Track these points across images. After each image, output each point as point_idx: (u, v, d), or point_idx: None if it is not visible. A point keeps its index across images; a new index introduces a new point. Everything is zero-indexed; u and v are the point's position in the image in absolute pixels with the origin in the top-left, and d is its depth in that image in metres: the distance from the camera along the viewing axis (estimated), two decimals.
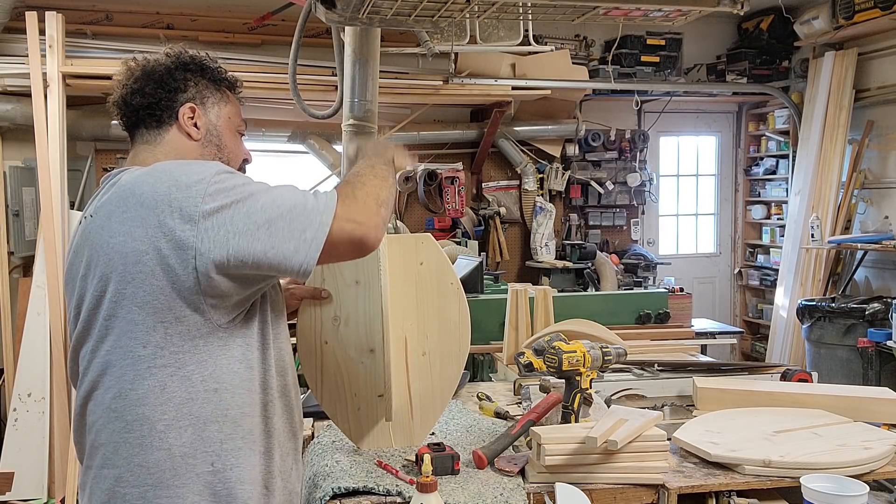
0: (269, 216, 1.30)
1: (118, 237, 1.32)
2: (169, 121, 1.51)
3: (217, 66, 1.60)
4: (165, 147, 1.51)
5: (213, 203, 1.29)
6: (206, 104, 1.54)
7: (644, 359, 2.64)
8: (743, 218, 6.85)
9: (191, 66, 1.54)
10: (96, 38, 4.72)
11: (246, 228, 1.29)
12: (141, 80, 1.51)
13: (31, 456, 4.25)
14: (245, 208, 1.29)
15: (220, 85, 1.58)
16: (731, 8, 2.14)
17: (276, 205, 1.31)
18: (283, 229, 1.30)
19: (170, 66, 1.52)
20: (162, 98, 1.50)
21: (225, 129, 1.56)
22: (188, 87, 1.53)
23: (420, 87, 5.05)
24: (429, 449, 1.75)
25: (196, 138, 1.52)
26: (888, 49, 5.36)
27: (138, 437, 1.32)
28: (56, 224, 4.35)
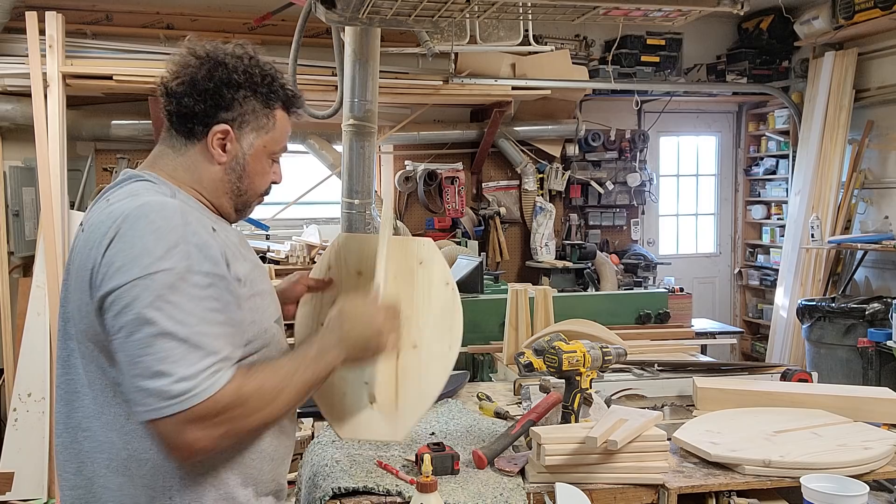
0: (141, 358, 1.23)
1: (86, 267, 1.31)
2: (200, 136, 1.41)
3: (280, 82, 1.47)
4: (187, 161, 1.43)
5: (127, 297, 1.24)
6: (244, 130, 1.43)
7: (644, 359, 2.64)
8: (743, 218, 6.85)
9: (252, 80, 1.42)
10: (96, 38, 4.72)
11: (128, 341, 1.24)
12: (188, 84, 1.39)
13: (31, 456, 4.24)
14: (143, 331, 1.23)
15: (272, 106, 1.45)
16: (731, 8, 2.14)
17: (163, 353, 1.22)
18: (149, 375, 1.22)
19: (224, 80, 1.40)
20: (200, 112, 1.40)
21: (254, 158, 1.45)
22: (233, 105, 1.41)
23: (420, 87, 5.05)
24: (429, 449, 1.75)
25: (220, 162, 1.43)
26: (888, 49, 5.36)
27: (105, 459, 1.33)
28: (56, 224, 4.35)
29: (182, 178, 1.43)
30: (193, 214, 1.34)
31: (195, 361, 1.23)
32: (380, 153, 5.78)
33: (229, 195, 1.47)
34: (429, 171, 5.61)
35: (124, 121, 4.99)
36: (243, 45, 1.47)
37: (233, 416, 1.27)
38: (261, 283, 1.47)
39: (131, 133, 5.03)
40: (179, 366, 1.22)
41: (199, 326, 1.25)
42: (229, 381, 1.26)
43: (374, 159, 3.64)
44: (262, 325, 1.44)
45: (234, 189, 1.46)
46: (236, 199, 1.48)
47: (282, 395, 1.34)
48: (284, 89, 1.48)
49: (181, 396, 1.21)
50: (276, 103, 1.46)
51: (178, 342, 1.23)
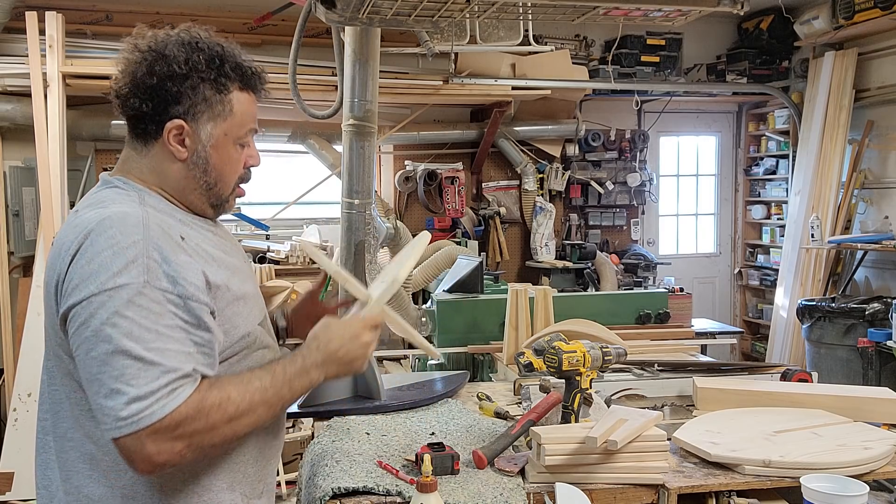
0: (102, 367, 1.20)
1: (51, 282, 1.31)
2: (155, 135, 1.37)
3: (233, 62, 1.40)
4: (150, 163, 1.39)
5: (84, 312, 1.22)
6: (200, 121, 1.37)
7: (644, 359, 2.64)
8: (743, 218, 6.85)
9: (196, 67, 1.35)
10: (96, 38, 4.72)
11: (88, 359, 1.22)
12: (130, 84, 1.35)
13: (31, 456, 4.22)
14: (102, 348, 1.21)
15: (224, 90, 1.38)
16: (731, 8, 2.14)
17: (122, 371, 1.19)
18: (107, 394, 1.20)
19: (167, 73, 1.33)
20: (148, 111, 1.35)
21: (216, 148, 1.39)
22: (181, 98, 1.34)
23: (420, 87, 5.05)
24: (428, 449, 1.75)
25: (181, 158, 1.38)
26: (888, 49, 5.36)
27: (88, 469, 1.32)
28: (56, 224, 4.35)
29: (150, 180, 1.39)
30: (161, 223, 1.30)
31: (151, 379, 1.19)
32: (380, 153, 5.78)
33: (198, 191, 1.41)
34: (429, 171, 5.61)
35: (124, 121, 4.98)
36: (189, 30, 1.40)
37: (193, 431, 1.23)
38: (242, 287, 1.42)
39: None
40: (134, 384, 1.19)
41: (157, 343, 1.21)
42: (190, 395, 1.22)
43: (374, 159, 3.64)
44: (243, 330, 1.40)
45: (202, 184, 1.41)
46: (207, 194, 1.42)
47: (251, 410, 1.30)
48: (239, 69, 1.41)
49: (134, 416, 1.18)
50: (229, 85, 1.39)
51: (134, 359, 1.19)
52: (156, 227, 1.28)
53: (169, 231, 1.30)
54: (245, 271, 1.50)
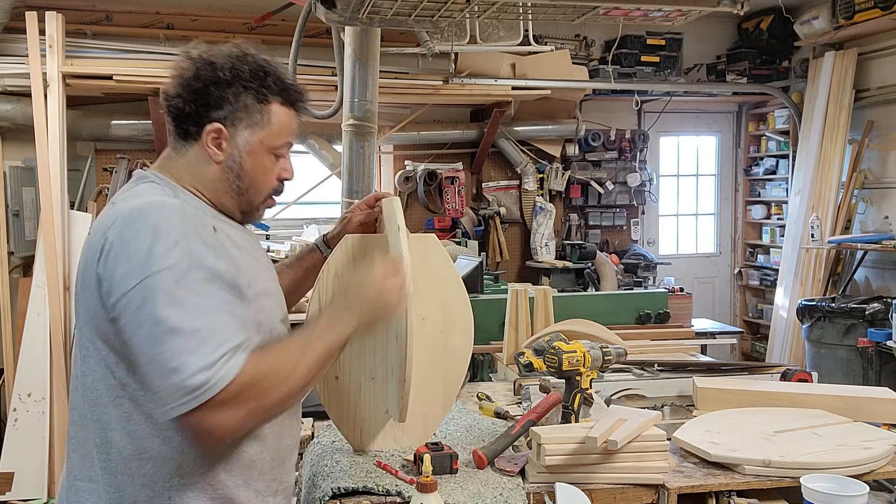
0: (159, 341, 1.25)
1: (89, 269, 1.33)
2: (195, 136, 1.42)
3: (276, 77, 1.46)
4: (188, 162, 1.44)
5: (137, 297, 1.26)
6: (238, 127, 1.42)
7: (644, 359, 2.64)
8: (743, 218, 6.85)
9: (240, 75, 1.41)
10: (96, 38, 4.72)
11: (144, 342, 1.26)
12: (178, 86, 1.41)
13: (31, 456, 4.25)
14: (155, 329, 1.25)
15: (265, 101, 1.44)
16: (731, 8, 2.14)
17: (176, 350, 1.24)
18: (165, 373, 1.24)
19: (213, 79, 1.40)
20: (191, 112, 1.41)
21: (251, 155, 1.44)
22: (223, 104, 1.40)
23: (420, 87, 5.05)
24: (427, 448, 1.75)
25: (217, 161, 1.43)
26: (888, 49, 5.36)
27: (106, 459, 1.36)
28: (56, 224, 4.35)
29: (185, 179, 1.44)
30: (195, 215, 1.36)
31: (209, 352, 1.25)
32: (380, 153, 5.78)
33: (230, 194, 1.46)
34: (429, 171, 5.61)
35: (124, 121, 5.00)
36: (239, 45, 1.46)
37: (252, 395, 1.29)
38: (267, 283, 1.49)
39: (131, 133, 5.03)
40: (194, 359, 1.24)
41: (209, 318, 1.27)
42: (244, 363, 1.28)
43: (374, 159, 3.64)
44: (268, 326, 1.45)
45: (235, 188, 1.46)
46: (239, 199, 1.47)
47: (298, 368, 1.36)
48: (281, 83, 1.46)
49: (200, 389, 1.23)
50: (270, 97, 1.45)
51: (189, 336, 1.24)
52: (192, 214, 1.34)
53: (203, 220, 1.37)
54: (270, 269, 1.57)
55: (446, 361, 1.89)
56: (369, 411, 1.84)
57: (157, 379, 1.25)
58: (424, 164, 5.73)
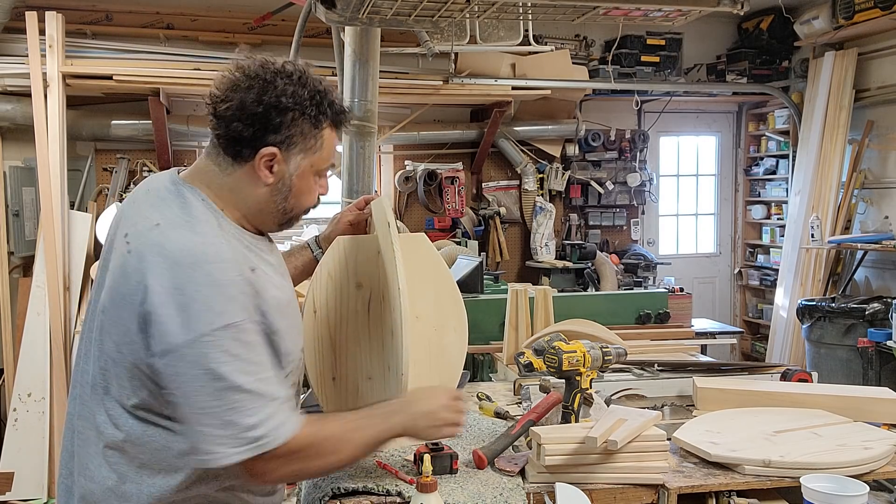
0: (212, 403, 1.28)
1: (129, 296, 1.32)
2: (248, 157, 1.39)
3: (329, 100, 1.44)
4: (233, 183, 1.42)
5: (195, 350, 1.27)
6: (292, 151, 1.41)
7: (644, 359, 2.64)
8: (743, 218, 6.85)
9: (300, 101, 1.39)
10: (96, 38, 4.72)
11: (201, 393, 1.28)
12: (236, 108, 1.36)
13: (31, 456, 4.25)
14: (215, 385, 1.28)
15: (320, 126, 1.43)
16: (731, 8, 2.14)
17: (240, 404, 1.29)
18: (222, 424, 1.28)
19: (273, 103, 1.37)
20: (248, 136, 1.38)
21: (300, 178, 1.44)
22: (281, 128, 1.39)
23: (420, 87, 5.05)
24: (427, 448, 1.75)
25: (267, 183, 1.41)
26: (888, 49, 5.36)
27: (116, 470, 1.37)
28: (56, 224, 4.35)
29: (226, 198, 1.42)
30: (239, 256, 1.36)
31: (261, 408, 1.30)
32: (380, 153, 5.78)
33: (274, 215, 1.47)
34: (429, 171, 5.61)
35: (124, 121, 4.99)
36: (294, 63, 1.43)
37: (301, 458, 1.36)
38: (294, 313, 1.52)
39: (131, 133, 5.03)
40: (250, 415, 1.29)
41: (261, 374, 1.32)
42: (302, 425, 1.35)
43: (374, 159, 3.64)
44: (292, 356, 1.48)
45: (280, 209, 1.46)
46: (281, 217, 1.48)
47: (347, 446, 1.42)
48: (333, 107, 1.46)
49: (258, 441, 1.29)
50: (324, 122, 1.45)
51: (246, 393, 1.29)
52: (242, 262, 1.36)
53: (246, 261, 1.38)
54: (293, 293, 1.57)
55: (441, 359, 1.89)
56: None
57: (212, 428, 1.28)
58: (424, 164, 5.73)
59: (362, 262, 1.79)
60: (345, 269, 1.79)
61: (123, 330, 1.32)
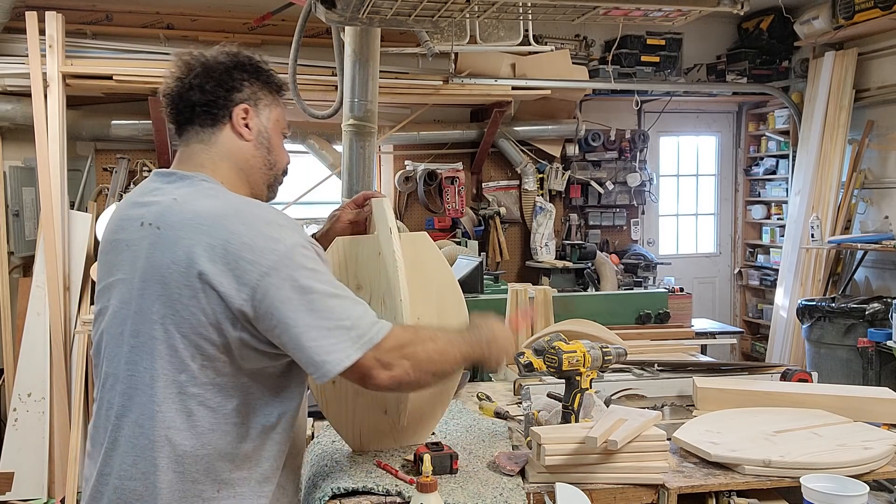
0: (325, 314, 1.35)
1: (180, 265, 1.35)
2: (223, 120, 1.52)
3: (270, 69, 1.61)
4: (220, 148, 1.52)
5: (275, 279, 1.33)
6: (259, 106, 1.56)
7: (644, 359, 2.64)
8: (743, 218, 6.85)
9: (247, 66, 1.55)
10: (96, 38, 4.72)
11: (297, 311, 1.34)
12: (201, 76, 1.50)
13: (31, 456, 4.25)
14: (306, 299, 1.34)
15: (271, 88, 1.59)
16: (731, 8, 2.14)
17: (336, 309, 1.36)
18: (327, 331, 1.34)
19: (229, 65, 1.53)
20: (220, 96, 1.51)
21: (274, 132, 1.58)
22: (244, 87, 1.54)
23: (420, 87, 5.05)
24: (427, 448, 1.75)
25: (248, 139, 1.53)
26: (888, 49, 5.36)
27: (158, 457, 1.36)
28: (56, 224, 4.35)
29: (223, 169, 1.51)
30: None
31: (354, 307, 1.39)
32: (380, 153, 5.78)
33: (262, 169, 1.56)
34: (429, 171, 5.61)
35: (124, 121, 4.99)
36: (228, 45, 1.58)
37: (409, 352, 1.42)
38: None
39: (131, 133, 5.03)
40: (351, 314, 1.37)
41: (335, 282, 1.41)
42: (395, 325, 1.43)
43: (374, 159, 3.64)
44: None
45: (266, 162, 1.57)
46: (268, 173, 1.58)
47: (452, 349, 1.50)
48: (275, 76, 1.61)
49: (364, 338, 1.36)
50: (272, 87, 1.59)
51: (335, 298, 1.37)
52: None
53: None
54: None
55: None
56: (368, 413, 1.84)
57: (320, 340, 1.33)
58: (424, 164, 5.73)
59: (363, 262, 1.78)
60: (345, 270, 1.78)
61: (180, 305, 1.35)
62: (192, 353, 1.36)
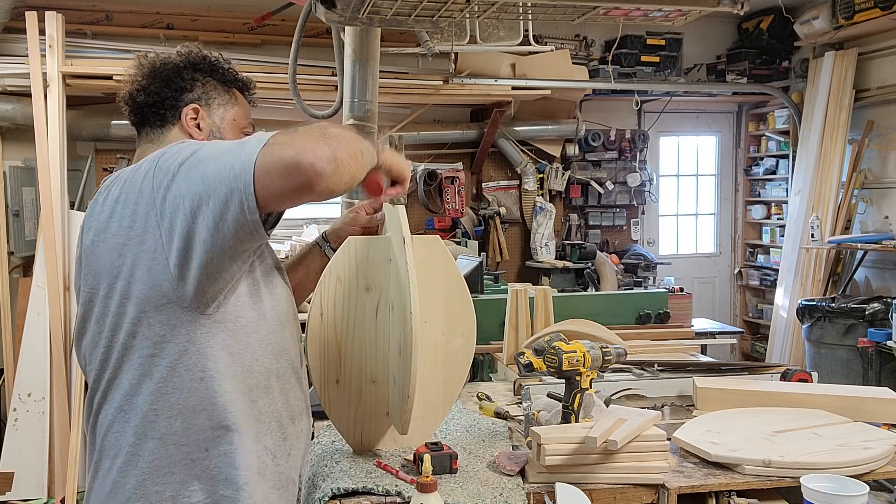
0: (202, 157, 1.27)
1: (118, 237, 1.34)
2: (172, 120, 1.52)
3: (229, 66, 1.59)
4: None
5: (167, 176, 1.28)
6: (212, 105, 1.55)
7: (644, 359, 2.64)
8: (743, 218, 6.85)
9: (201, 65, 1.54)
10: (96, 38, 4.72)
11: (184, 175, 1.27)
12: (148, 77, 1.51)
13: (31, 456, 4.25)
14: (187, 165, 1.27)
15: (229, 86, 1.57)
16: (731, 8, 2.14)
17: (212, 150, 1.28)
18: (213, 162, 1.25)
19: (178, 65, 1.52)
20: (167, 97, 1.51)
21: (228, 131, 1.56)
22: (195, 86, 1.53)
23: (420, 87, 5.05)
24: (427, 448, 1.75)
25: (198, 139, 1.50)
26: (888, 49, 5.36)
27: (133, 426, 1.35)
28: (56, 224, 4.35)
29: None
30: None
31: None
32: None
33: None
34: (429, 171, 5.60)
35: (124, 121, 4.91)
36: (187, 45, 1.58)
37: (326, 135, 1.25)
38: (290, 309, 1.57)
39: (131, 133, 4.89)
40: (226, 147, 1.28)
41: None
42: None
43: None
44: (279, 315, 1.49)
45: None
46: None
47: (355, 141, 1.37)
48: (234, 73, 1.60)
49: (265, 137, 1.23)
50: (231, 85, 1.58)
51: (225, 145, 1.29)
52: None
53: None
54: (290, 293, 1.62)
55: (448, 363, 1.88)
56: (370, 414, 1.84)
57: (226, 169, 1.22)
58: (424, 164, 5.72)
59: (373, 264, 1.75)
60: (354, 271, 1.75)
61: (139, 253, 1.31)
62: (138, 315, 1.34)
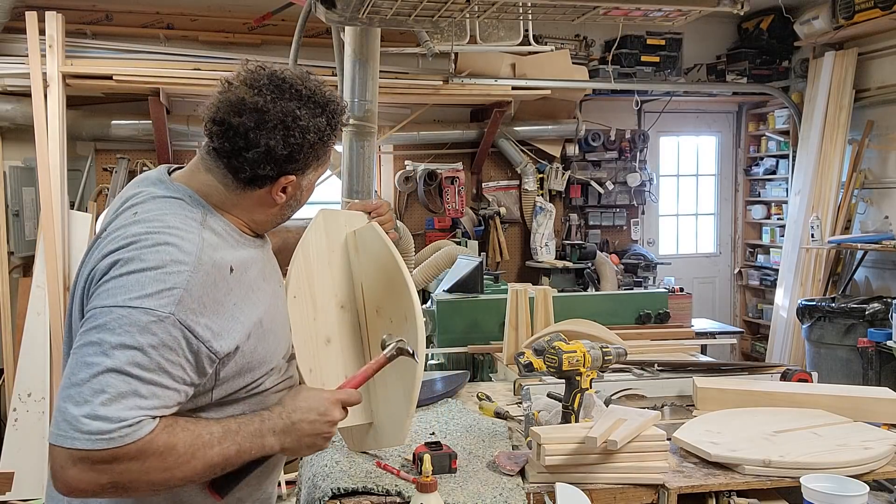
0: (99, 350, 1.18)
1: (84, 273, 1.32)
2: (264, 185, 1.36)
3: (339, 112, 1.41)
4: (241, 203, 1.37)
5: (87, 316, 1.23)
6: (306, 173, 1.40)
7: (644, 359, 2.64)
8: (743, 218, 6.85)
9: (322, 135, 1.37)
10: (96, 38, 4.72)
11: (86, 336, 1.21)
12: (263, 154, 1.31)
13: (31, 456, 4.25)
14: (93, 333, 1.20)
15: (330, 144, 1.41)
16: (731, 8, 2.14)
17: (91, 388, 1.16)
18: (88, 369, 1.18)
19: (298, 144, 1.33)
20: (270, 172, 1.33)
21: (309, 191, 1.45)
22: (300, 160, 1.35)
23: (420, 87, 5.05)
24: (426, 448, 1.75)
25: (279, 204, 1.40)
26: (888, 49, 5.36)
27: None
28: (56, 224, 4.35)
29: (227, 210, 1.37)
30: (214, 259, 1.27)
31: (126, 408, 1.15)
32: (380, 153, 5.78)
33: (272, 222, 1.45)
34: (429, 171, 5.61)
35: (124, 121, 5.00)
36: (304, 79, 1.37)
37: (126, 470, 1.17)
38: (274, 320, 1.41)
39: (131, 133, 5.03)
40: (109, 406, 1.15)
41: (152, 376, 1.18)
42: (151, 430, 1.18)
43: (374, 159, 3.64)
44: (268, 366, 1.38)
45: (284, 218, 1.46)
46: (280, 223, 1.47)
47: (192, 462, 1.23)
48: (341, 118, 1.42)
49: (94, 435, 1.13)
50: (335, 139, 1.43)
51: (122, 383, 1.16)
52: (207, 262, 1.26)
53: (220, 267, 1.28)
54: (280, 297, 1.49)
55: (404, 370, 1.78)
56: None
57: (66, 401, 1.16)
58: (424, 164, 5.72)
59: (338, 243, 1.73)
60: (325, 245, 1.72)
61: (77, 309, 1.32)
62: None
